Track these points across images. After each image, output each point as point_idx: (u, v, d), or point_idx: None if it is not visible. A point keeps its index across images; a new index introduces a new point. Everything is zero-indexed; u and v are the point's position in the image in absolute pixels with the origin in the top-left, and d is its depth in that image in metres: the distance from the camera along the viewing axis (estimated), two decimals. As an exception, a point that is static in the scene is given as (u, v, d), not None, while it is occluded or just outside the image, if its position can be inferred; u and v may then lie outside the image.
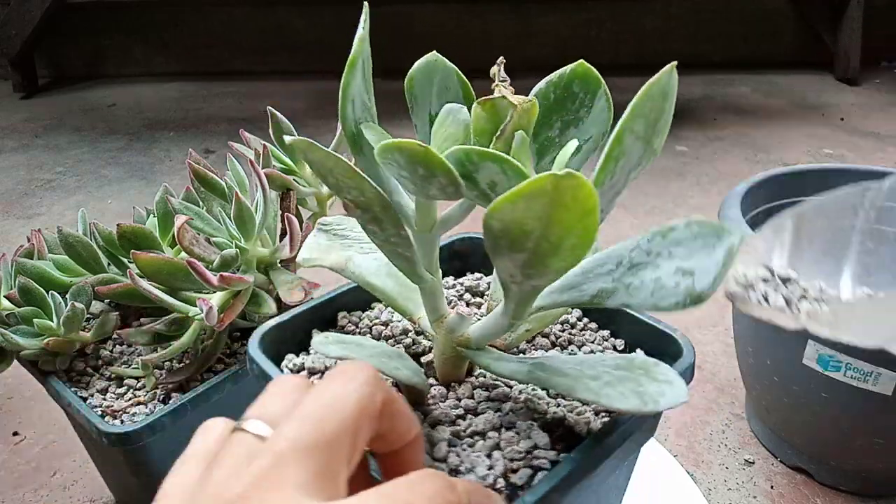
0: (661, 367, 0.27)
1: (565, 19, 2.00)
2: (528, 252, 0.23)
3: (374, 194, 0.24)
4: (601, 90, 0.28)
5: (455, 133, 0.26)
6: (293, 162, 0.51)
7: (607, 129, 0.29)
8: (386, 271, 0.33)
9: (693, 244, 0.27)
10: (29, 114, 1.71)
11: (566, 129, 0.29)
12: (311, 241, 0.35)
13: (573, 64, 0.29)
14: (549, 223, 0.21)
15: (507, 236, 0.22)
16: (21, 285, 0.44)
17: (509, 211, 0.21)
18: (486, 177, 0.23)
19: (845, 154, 1.36)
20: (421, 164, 0.22)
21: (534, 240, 0.22)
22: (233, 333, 0.49)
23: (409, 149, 0.22)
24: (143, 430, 0.40)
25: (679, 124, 1.54)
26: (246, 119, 1.63)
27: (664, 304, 0.27)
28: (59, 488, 0.60)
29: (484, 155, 0.23)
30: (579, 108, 0.29)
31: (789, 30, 2.01)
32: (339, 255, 0.34)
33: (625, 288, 0.28)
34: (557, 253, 0.22)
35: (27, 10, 1.71)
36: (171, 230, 0.47)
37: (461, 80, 0.29)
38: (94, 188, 1.27)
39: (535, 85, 0.29)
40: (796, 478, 0.60)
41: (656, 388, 0.26)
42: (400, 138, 0.23)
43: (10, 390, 0.72)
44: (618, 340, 0.39)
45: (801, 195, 0.66)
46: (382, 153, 0.23)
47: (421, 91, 0.29)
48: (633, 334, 0.38)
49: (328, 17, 1.99)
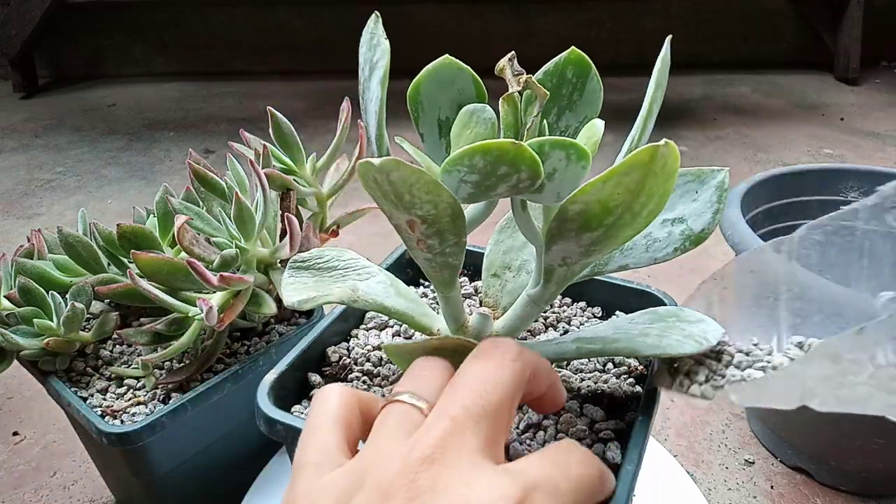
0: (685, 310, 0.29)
1: (565, 19, 2.00)
2: (605, 228, 0.24)
3: (448, 204, 0.24)
4: (592, 73, 0.29)
5: (484, 132, 0.26)
6: (293, 162, 0.51)
7: (598, 110, 0.30)
8: (394, 292, 0.33)
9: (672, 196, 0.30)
10: (29, 114, 1.71)
11: (562, 114, 0.30)
12: (295, 282, 0.31)
13: (566, 52, 0.30)
14: (638, 194, 0.22)
15: (583, 217, 0.24)
16: (21, 285, 0.44)
17: (598, 190, 0.22)
18: (550, 165, 0.24)
19: (845, 154, 1.36)
20: (508, 162, 0.23)
21: (616, 214, 0.23)
22: (233, 333, 0.49)
23: (498, 149, 0.22)
24: (143, 430, 0.40)
25: (679, 124, 1.54)
26: (246, 119, 1.63)
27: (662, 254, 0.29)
28: (59, 488, 0.60)
29: (555, 143, 0.24)
30: (573, 93, 0.30)
31: (789, 30, 2.01)
32: (342, 287, 0.32)
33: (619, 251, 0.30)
34: (634, 221, 0.24)
35: (27, 10, 1.71)
36: (171, 230, 0.47)
37: (475, 80, 0.29)
38: (94, 188, 1.27)
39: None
40: (796, 478, 0.60)
41: (697, 328, 0.27)
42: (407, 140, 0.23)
43: (10, 390, 0.72)
44: (595, 308, 0.41)
45: (801, 195, 0.66)
46: (458, 159, 0.23)
47: (428, 97, 0.29)
48: (607, 299, 0.40)
49: (328, 17, 1.99)
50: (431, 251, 0.27)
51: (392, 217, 0.25)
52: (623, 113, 0.83)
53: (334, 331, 0.39)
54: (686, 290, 0.32)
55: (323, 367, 0.37)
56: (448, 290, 0.30)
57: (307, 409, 0.33)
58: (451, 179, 0.24)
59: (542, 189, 0.25)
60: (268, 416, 0.32)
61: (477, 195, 0.25)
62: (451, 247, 0.27)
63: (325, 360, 0.37)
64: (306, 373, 0.36)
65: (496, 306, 0.37)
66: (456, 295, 0.31)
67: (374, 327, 0.40)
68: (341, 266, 0.34)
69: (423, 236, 0.26)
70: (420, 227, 0.25)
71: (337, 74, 1.89)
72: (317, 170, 0.52)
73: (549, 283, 0.29)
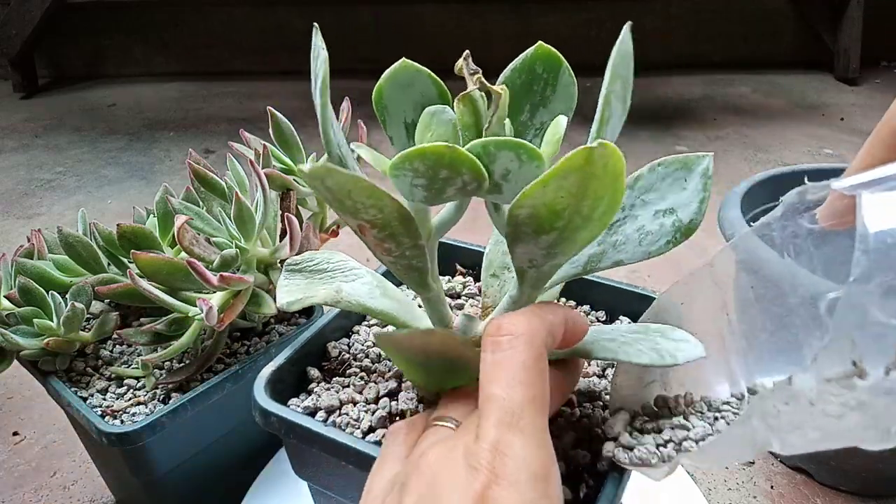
0: (677, 331, 0.28)
1: (565, 19, 2.00)
2: (558, 231, 0.23)
3: (393, 208, 0.24)
4: (563, 67, 0.29)
5: (445, 132, 0.26)
6: (293, 162, 0.51)
7: (573, 106, 0.29)
8: (379, 293, 0.33)
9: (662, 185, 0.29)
10: (29, 114, 1.71)
11: (535, 111, 0.30)
12: (287, 284, 0.32)
13: (532, 47, 0.29)
14: (582, 197, 0.22)
15: (535, 221, 0.23)
16: (21, 285, 0.44)
17: (540, 194, 0.22)
18: (501, 166, 0.24)
19: (845, 154, 1.36)
20: (446, 165, 0.22)
21: (565, 217, 0.23)
22: (233, 333, 0.49)
23: (434, 152, 0.22)
24: (143, 429, 0.40)
25: (679, 124, 1.54)
26: (246, 119, 1.63)
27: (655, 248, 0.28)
28: (59, 488, 0.60)
29: (501, 144, 0.23)
30: (545, 89, 0.29)
31: (789, 30, 2.01)
32: (328, 289, 0.32)
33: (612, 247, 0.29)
34: (588, 224, 0.23)
35: (27, 10, 1.71)
36: (171, 230, 0.47)
37: (435, 82, 0.29)
38: (94, 188, 1.27)
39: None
40: (796, 478, 0.60)
41: (672, 345, 0.27)
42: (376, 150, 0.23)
43: (10, 390, 0.72)
44: (599, 313, 0.40)
45: (801, 195, 0.66)
46: (401, 164, 0.23)
47: (392, 101, 0.29)
48: (611, 304, 0.40)
49: (328, 17, 1.99)
50: (391, 254, 0.27)
51: (346, 221, 0.25)
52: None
53: (336, 326, 0.39)
54: None
55: (322, 361, 0.37)
56: (424, 291, 0.30)
57: (304, 402, 0.33)
58: (402, 183, 0.24)
59: (501, 189, 0.24)
60: (263, 408, 0.32)
61: (431, 198, 0.25)
62: (409, 249, 0.26)
63: (326, 355, 0.38)
64: (305, 367, 0.36)
65: (495, 306, 0.37)
66: (435, 296, 0.31)
67: (375, 324, 0.40)
68: (330, 268, 0.34)
69: (377, 240, 0.26)
70: (371, 231, 0.25)
71: (337, 74, 1.88)
72: (317, 170, 0.52)
73: (523, 284, 0.29)
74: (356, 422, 0.32)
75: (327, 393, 0.34)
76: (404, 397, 0.33)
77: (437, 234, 0.29)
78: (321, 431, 0.31)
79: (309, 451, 0.32)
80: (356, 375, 0.35)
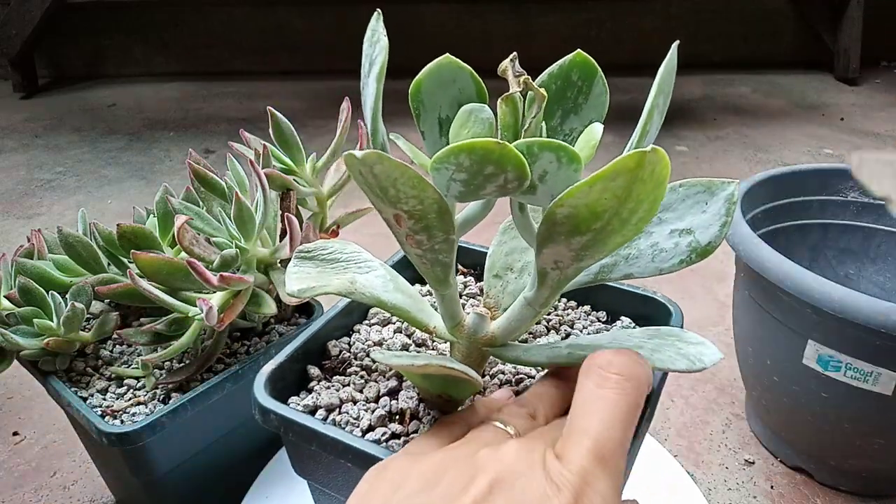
0: (689, 333, 0.29)
1: (565, 19, 1.99)
2: (593, 233, 0.24)
3: (433, 200, 0.24)
4: (598, 76, 0.29)
5: (481, 131, 0.26)
6: (293, 162, 0.51)
7: (604, 114, 0.29)
8: (393, 287, 0.33)
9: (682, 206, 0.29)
10: (29, 114, 1.71)
11: (566, 117, 0.30)
12: (298, 271, 0.32)
13: (571, 54, 0.29)
14: (625, 200, 0.22)
15: (572, 221, 0.23)
16: (21, 285, 0.44)
17: (584, 194, 0.22)
18: (540, 167, 0.24)
19: (845, 154, 1.36)
20: (493, 162, 0.23)
21: (604, 219, 0.23)
22: (233, 333, 0.49)
23: (483, 148, 0.22)
24: (143, 430, 0.40)
25: (679, 124, 1.54)
26: (246, 119, 1.63)
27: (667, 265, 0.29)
28: (59, 488, 0.60)
29: (544, 145, 0.23)
30: (577, 96, 0.29)
31: (789, 30, 2.01)
32: (342, 279, 0.32)
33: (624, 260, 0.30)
34: (623, 228, 0.24)
35: (27, 10, 1.71)
36: (171, 230, 0.47)
37: (475, 80, 0.29)
38: (94, 188, 1.27)
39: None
40: (796, 478, 0.60)
41: (695, 349, 0.27)
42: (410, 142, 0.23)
43: (10, 390, 0.72)
44: (599, 313, 0.40)
45: (801, 195, 0.66)
46: (445, 157, 0.23)
47: (429, 96, 0.29)
48: (612, 305, 0.40)
49: (328, 17, 1.99)
50: (421, 247, 0.27)
51: (381, 211, 0.26)
52: (623, 113, 0.83)
53: (336, 325, 0.39)
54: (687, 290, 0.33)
55: (323, 360, 0.37)
56: (443, 287, 0.30)
57: (304, 400, 0.33)
58: (441, 177, 0.24)
59: (535, 191, 0.25)
60: (263, 406, 0.32)
61: (467, 194, 0.25)
62: (440, 243, 0.27)
63: (326, 353, 0.38)
64: (306, 365, 0.36)
65: (497, 307, 0.37)
66: (452, 293, 0.31)
67: (376, 323, 0.40)
68: (343, 258, 0.34)
69: (411, 231, 0.26)
70: (407, 222, 0.25)
71: (337, 74, 1.89)
72: (317, 170, 0.52)
73: (543, 286, 0.29)
74: (356, 420, 0.32)
75: (327, 391, 0.34)
76: (404, 396, 0.33)
77: (461, 231, 0.29)
78: (319, 429, 0.31)
79: (308, 450, 0.32)
80: (356, 374, 0.35)
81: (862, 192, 0.66)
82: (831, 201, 0.67)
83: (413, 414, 0.32)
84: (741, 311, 0.60)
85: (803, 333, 0.50)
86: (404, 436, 0.31)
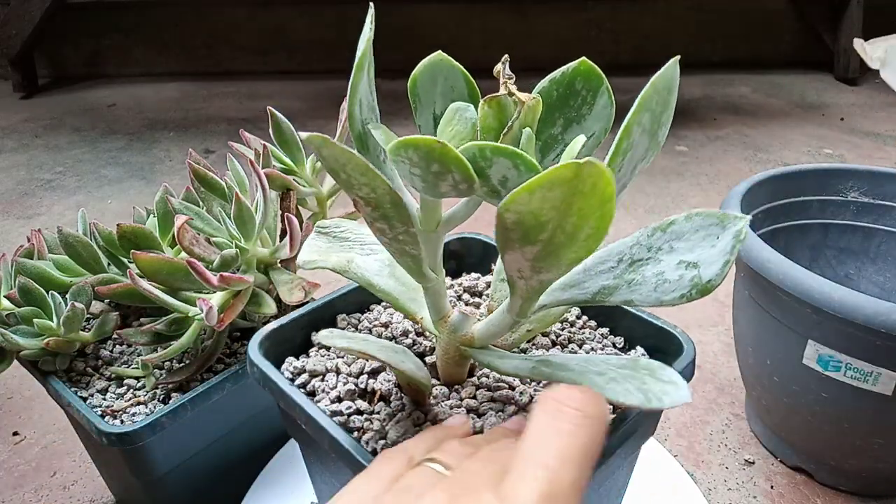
0: (667, 370, 0.27)
1: (565, 19, 1.99)
2: (542, 244, 0.23)
3: (385, 190, 0.24)
4: (603, 87, 0.28)
5: (462, 131, 0.26)
6: (293, 162, 0.51)
7: (609, 126, 0.29)
8: (388, 272, 0.33)
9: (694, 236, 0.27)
10: (29, 114, 1.71)
11: (569, 127, 0.29)
12: (311, 244, 0.35)
13: (576, 62, 0.29)
14: (566, 212, 0.21)
15: (521, 228, 0.22)
16: (21, 285, 0.44)
17: (526, 201, 0.21)
18: (498, 172, 0.24)
19: (845, 154, 1.36)
20: (436, 160, 0.23)
21: (549, 230, 0.22)
22: (233, 333, 0.49)
23: (425, 145, 0.22)
24: (143, 430, 0.40)
25: (679, 124, 1.54)
26: (246, 119, 1.63)
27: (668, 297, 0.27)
28: (59, 488, 0.60)
29: (497, 150, 0.23)
30: (581, 106, 0.29)
31: (789, 30, 2.01)
32: (341, 257, 0.34)
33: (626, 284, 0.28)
34: (572, 243, 0.23)
35: (27, 10, 1.71)
36: (171, 230, 0.47)
37: (467, 79, 0.29)
38: (94, 188, 1.27)
39: (535, 84, 0.29)
40: (796, 478, 0.60)
41: (660, 387, 0.26)
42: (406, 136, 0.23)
43: (10, 390, 0.72)
44: (617, 338, 0.39)
45: (801, 195, 0.66)
46: (396, 150, 0.23)
47: (424, 91, 0.29)
48: (632, 331, 0.38)
49: (328, 17, 1.99)
50: (385, 235, 0.27)
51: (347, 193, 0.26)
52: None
53: (353, 300, 0.40)
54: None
55: None
56: (420, 279, 0.30)
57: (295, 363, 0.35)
58: (402, 169, 0.24)
59: (499, 196, 0.24)
60: (250, 357, 0.34)
61: (428, 189, 0.25)
62: (402, 234, 0.26)
63: (334, 325, 0.39)
64: (310, 331, 0.37)
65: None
66: (434, 287, 0.31)
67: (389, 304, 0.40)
68: (352, 238, 0.35)
69: (371, 218, 0.26)
70: (365, 208, 0.25)
71: (337, 74, 1.89)
72: (317, 170, 0.52)
73: (514, 295, 0.28)
74: (331, 389, 0.33)
75: (319, 359, 0.35)
76: (383, 378, 0.34)
77: (446, 227, 0.29)
78: (285, 389, 0.32)
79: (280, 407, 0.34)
80: None
81: (862, 192, 0.66)
82: (831, 201, 0.67)
83: (383, 396, 0.33)
84: (741, 311, 0.60)
85: (803, 333, 0.50)
86: (368, 413, 0.32)
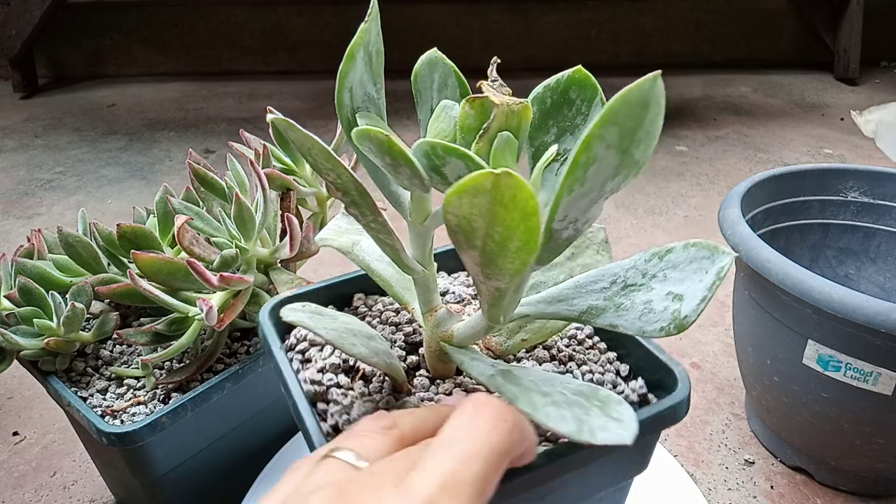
0: (622, 406, 0.25)
1: (565, 19, 2.00)
2: (479, 250, 0.23)
3: (349, 178, 0.25)
4: (598, 98, 0.28)
5: (445, 128, 0.26)
6: (293, 162, 0.51)
7: None
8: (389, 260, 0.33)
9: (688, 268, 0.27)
10: (29, 114, 1.71)
11: (562, 135, 0.29)
12: (334, 224, 0.36)
13: (570, 70, 0.28)
14: (492, 222, 0.21)
15: (461, 231, 0.22)
16: (21, 285, 0.44)
17: (457, 205, 0.21)
18: (453, 172, 0.24)
19: (845, 154, 1.36)
20: (386, 153, 0.23)
21: (481, 237, 0.22)
22: (233, 333, 0.49)
23: (375, 137, 0.23)
24: (143, 430, 0.40)
25: (679, 124, 1.54)
26: (246, 119, 1.63)
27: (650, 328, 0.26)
28: (59, 488, 0.60)
29: (448, 150, 0.23)
30: (576, 116, 0.29)
31: (789, 30, 2.01)
32: (349, 239, 0.34)
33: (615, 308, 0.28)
34: (504, 253, 0.22)
35: (27, 10, 1.71)
36: (171, 230, 0.47)
37: (459, 78, 0.29)
38: (94, 188, 1.27)
39: (535, 85, 0.29)
40: (796, 478, 0.60)
41: (601, 421, 0.24)
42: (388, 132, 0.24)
43: (10, 390, 0.72)
44: (623, 365, 0.37)
45: (801, 195, 0.66)
46: (358, 139, 0.24)
47: (423, 86, 0.30)
48: (639, 360, 0.36)
49: (328, 17, 1.99)
50: (360, 221, 0.28)
51: None
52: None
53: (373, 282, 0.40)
54: None
55: (345, 307, 0.39)
56: (404, 269, 0.30)
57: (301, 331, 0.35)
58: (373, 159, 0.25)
59: None
60: (259, 321, 0.35)
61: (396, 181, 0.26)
62: (372, 222, 0.27)
63: (350, 303, 0.39)
64: (328, 304, 0.38)
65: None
66: (421, 280, 0.31)
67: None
68: None
69: (345, 203, 0.27)
70: (336, 192, 0.27)
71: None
72: (317, 170, 0.52)
73: (481, 298, 0.28)
74: (319, 360, 0.33)
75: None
76: None
77: (434, 220, 0.29)
78: (274, 351, 0.33)
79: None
80: None
81: (862, 192, 0.66)
82: (831, 201, 0.67)
83: (365, 376, 0.33)
84: (741, 310, 0.60)
85: (803, 333, 0.50)
86: (346, 388, 0.32)
